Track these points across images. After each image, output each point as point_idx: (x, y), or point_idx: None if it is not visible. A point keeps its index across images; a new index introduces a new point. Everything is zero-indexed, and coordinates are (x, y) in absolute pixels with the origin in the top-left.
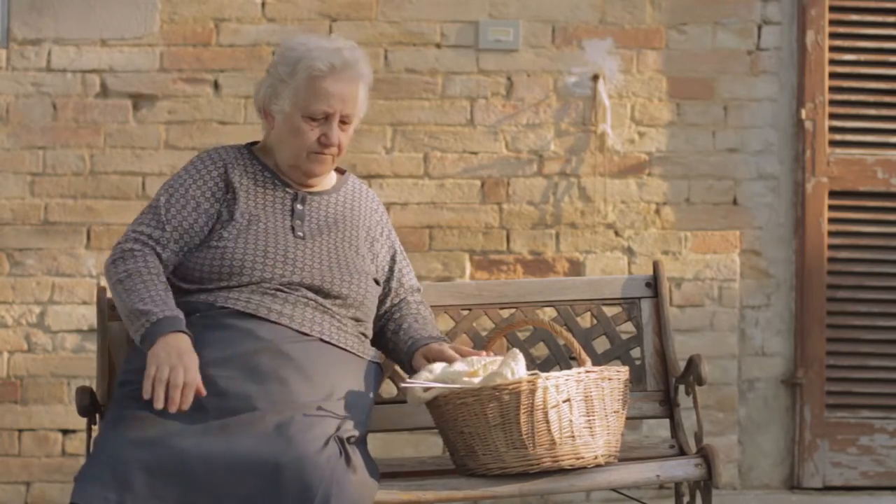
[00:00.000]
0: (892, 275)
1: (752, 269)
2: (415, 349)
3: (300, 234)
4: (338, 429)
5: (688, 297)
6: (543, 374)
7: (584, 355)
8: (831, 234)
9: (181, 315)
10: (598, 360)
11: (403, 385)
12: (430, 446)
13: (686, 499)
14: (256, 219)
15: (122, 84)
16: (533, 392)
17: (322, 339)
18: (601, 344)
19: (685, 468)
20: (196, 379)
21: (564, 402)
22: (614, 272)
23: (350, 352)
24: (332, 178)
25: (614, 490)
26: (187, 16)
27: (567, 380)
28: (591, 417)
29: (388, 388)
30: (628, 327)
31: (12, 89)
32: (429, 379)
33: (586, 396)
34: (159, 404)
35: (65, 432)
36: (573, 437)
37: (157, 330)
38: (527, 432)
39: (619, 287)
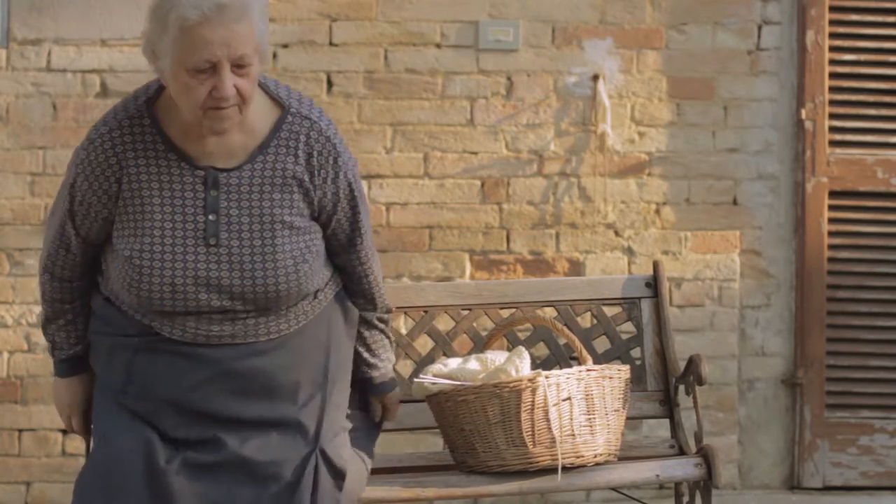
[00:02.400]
0: (892, 275)
1: (752, 269)
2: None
3: (213, 240)
4: (317, 437)
5: (688, 297)
6: (545, 373)
7: (584, 354)
8: (831, 234)
9: (73, 353)
10: (599, 359)
11: (416, 379)
12: (430, 446)
13: (686, 499)
14: (161, 229)
15: (122, 84)
16: (534, 390)
17: (269, 339)
18: (601, 344)
19: (685, 468)
20: (65, 426)
21: (565, 400)
22: (614, 272)
23: (305, 329)
24: (262, 128)
25: (614, 490)
26: None
27: (568, 378)
28: (591, 416)
29: None
30: (628, 327)
31: (12, 89)
32: (442, 372)
33: (587, 395)
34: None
35: (65, 432)
36: (573, 435)
37: (56, 371)
38: (527, 430)
39: (619, 287)
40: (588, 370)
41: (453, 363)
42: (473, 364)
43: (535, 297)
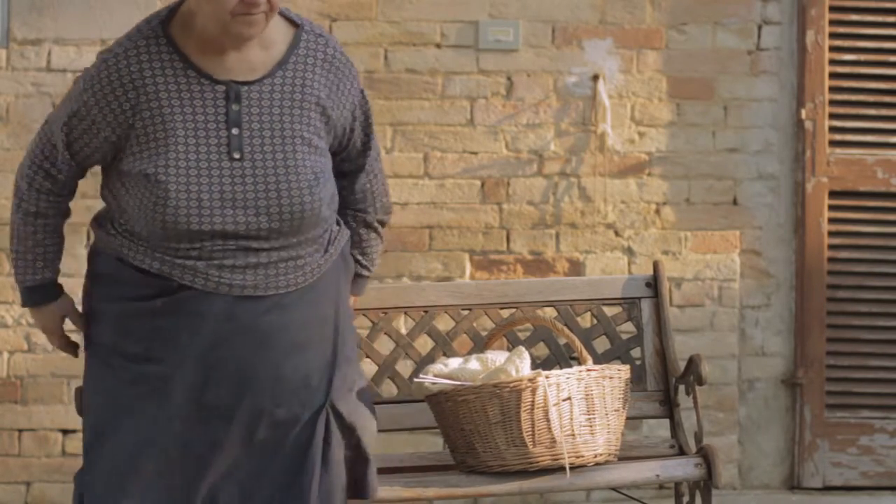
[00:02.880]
0: (892, 275)
1: (752, 269)
2: None
3: (237, 154)
4: (328, 392)
5: (688, 297)
6: (545, 373)
7: (585, 353)
8: (831, 234)
9: (47, 279)
10: (599, 359)
11: (416, 379)
12: (430, 446)
13: (686, 499)
14: (185, 145)
15: None
16: (534, 390)
17: (287, 293)
18: (601, 344)
19: (685, 468)
20: (60, 349)
21: (565, 400)
22: (614, 272)
23: (318, 284)
24: (280, 44)
25: (614, 490)
26: None
27: (568, 378)
28: (591, 416)
29: (389, 389)
30: (628, 327)
31: (12, 89)
32: (443, 372)
33: (587, 395)
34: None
35: (65, 432)
36: (573, 435)
37: (27, 300)
38: (527, 430)
39: (619, 287)
40: (588, 370)
41: (454, 363)
42: (474, 364)
43: (535, 297)
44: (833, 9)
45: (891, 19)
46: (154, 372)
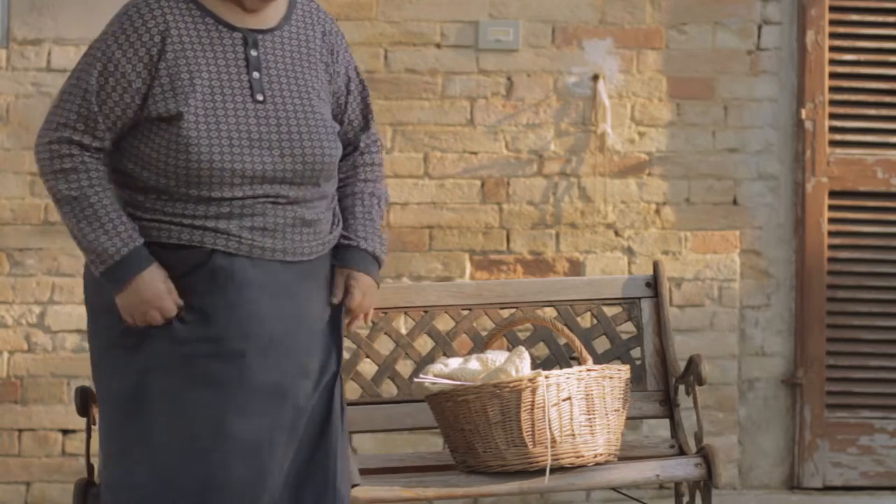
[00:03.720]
0: (892, 275)
1: (752, 269)
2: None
3: (259, 96)
4: (338, 364)
5: (688, 297)
6: (545, 373)
7: (585, 354)
8: (831, 234)
9: (137, 243)
10: (599, 359)
11: (416, 379)
12: (430, 446)
13: (686, 499)
14: (210, 87)
15: None
16: (534, 390)
17: (308, 260)
18: (601, 344)
19: (685, 468)
20: (171, 311)
21: (565, 400)
22: (614, 272)
23: (325, 258)
24: (282, 5)
25: (614, 490)
26: None
27: (568, 378)
28: (591, 416)
29: (389, 389)
30: (628, 327)
31: (12, 89)
32: (443, 372)
33: (587, 395)
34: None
35: (65, 432)
36: (573, 435)
37: (117, 276)
38: (527, 430)
39: (619, 287)
40: (588, 370)
41: (454, 363)
42: (474, 364)
43: (535, 297)
44: (833, 9)
45: (891, 19)
46: (203, 352)
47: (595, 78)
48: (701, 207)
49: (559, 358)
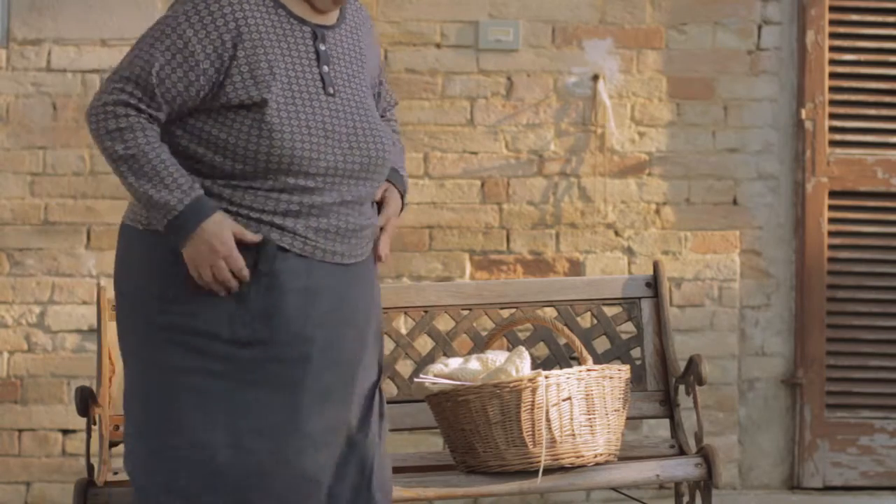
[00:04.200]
0: (892, 275)
1: (752, 269)
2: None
3: (331, 89)
4: (379, 372)
5: (688, 297)
6: (545, 373)
7: (585, 353)
8: (831, 234)
9: (199, 192)
10: (599, 360)
11: (416, 379)
12: (431, 446)
13: (686, 499)
14: (286, 77)
15: None
16: (534, 390)
17: (360, 263)
18: (601, 344)
19: (685, 468)
20: (242, 268)
21: (565, 400)
22: (614, 272)
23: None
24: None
25: (614, 490)
26: None
27: (568, 378)
28: (591, 416)
29: (389, 389)
30: (628, 327)
31: (12, 89)
32: (443, 372)
33: (587, 395)
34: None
35: (65, 432)
36: (573, 435)
37: (182, 226)
38: (527, 430)
39: (619, 287)
40: (588, 370)
41: (454, 363)
42: (474, 364)
43: (535, 297)
44: (833, 9)
45: (891, 19)
46: (263, 356)
47: (595, 78)
48: (701, 207)
49: (559, 358)
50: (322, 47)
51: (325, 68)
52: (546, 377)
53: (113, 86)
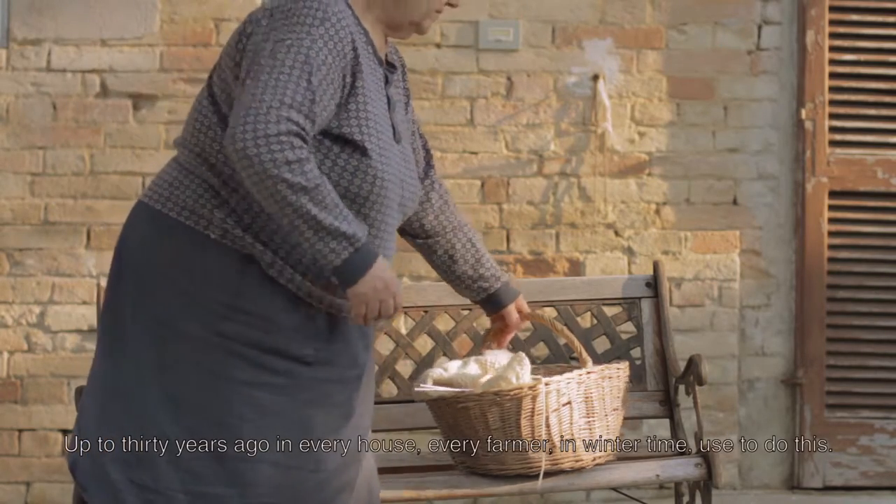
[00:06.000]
0: (892, 275)
1: (752, 269)
2: (495, 301)
3: (397, 136)
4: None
5: (688, 297)
6: (545, 379)
7: (585, 355)
8: (831, 234)
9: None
10: (598, 360)
11: (417, 390)
12: (430, 446)
13: (686, 499)
14: (376, 122)
15: (122, 84)
16: (534, 397)
17: None
18: (601, 344)
19: (685, 468)
20: (401, 304)
21: (565, 405)
22: (614, 272)
23: None
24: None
25: (614, 490)
26: (187, 16)
27: (569, 383)
28: (591, 419)
29: (389, 389)
30: (628, 327)
31: (12, 89)
32: (442, 378)
33: (587, 397)
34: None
35: (65, 432)
36: (573, 439)
37: (362, 261)
38: (527, 436)
39: (619, 287)
40: (588, 373)
41: (453, 367)
42: (473, 368)
43: (535, 297)
44: (833, 9)
45: (891, 19)
46: (323, 376)
47: (595, 78)
48: (701, 207)
49: (559, 358)
50: (389, 92)
51: (393, 114)
52: (546, 384)
53: (278, 114)
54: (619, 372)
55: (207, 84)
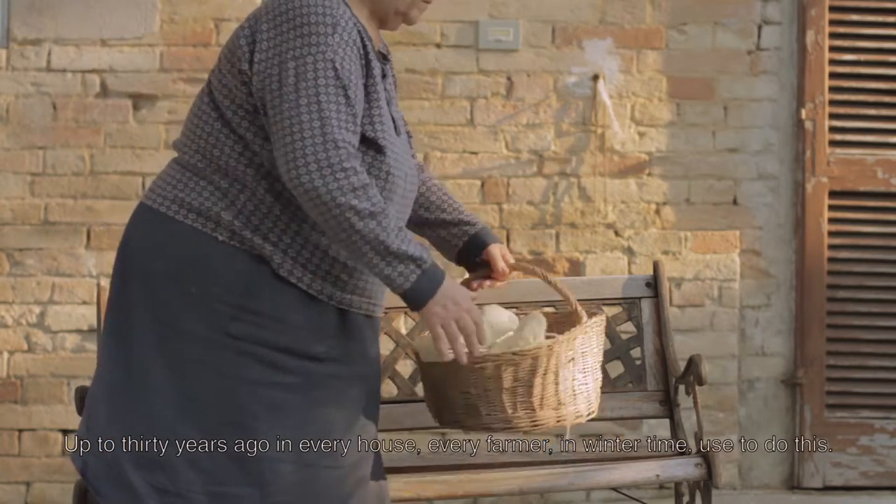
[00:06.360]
0: (892, 275)
1: (752, 269)
2: (478, 242)
3: (399, 130)
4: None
5: (688, 297)
6: (560, 338)
7: (580, 310)
8: (831, 234)
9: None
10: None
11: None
12: (430, 446)
13: (686, 499)
14: (381, 118)
15: (122, 84)
16: (549, 356)
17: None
18: None
19: (685, 468)
20: (479, 318)
21: (569, 361)
22: (614, 272)
23: None
24: None
25: (614, 490)
26: (187, 16)
27: (575, 339)
28: (586, 373)
29: (389, 389)
30: (628, 327)
31: (12, 89)
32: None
33: (584, 353)
34: (464, 359)
35: (65, 432)
36: (574, 395)
37: (429, 282)
38: (537, 395)
39: (619, 287)
40: (587, 328)
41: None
42: (484, 330)
43: (536, 297)
44: (833, 9)
45: (891, 19)
46: (334, 372)
47: (595, 78)
48: (701, 207)
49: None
50: (386, 86)
51: (392, 107)
52: (563, 343)
53: (335, 141)
54: (602, 321)
55: (207, 86)
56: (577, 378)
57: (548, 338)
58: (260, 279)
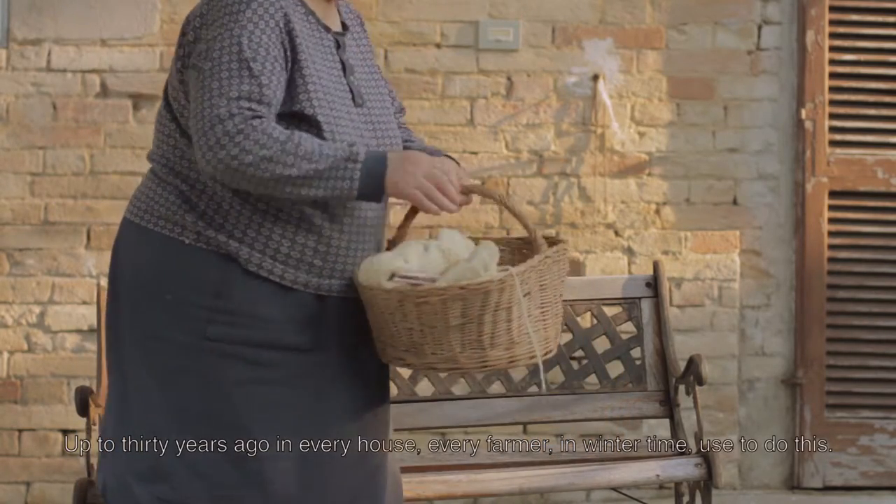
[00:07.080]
0: (892, 275)
1: (752, 269)
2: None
3: (359, 100)
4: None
5: (688, 297)
6: (513, 270)
7: (540, 239)
8: (831, 234)
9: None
10: (599, 359)
11: (383, 284)
12: (430, 446)
13: (686, 499)
14: (324, 90)
15: (122, 84)
16: (501, 291)
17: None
18: (601, 344)
19: (685, 468)
20: (446, 163)
21: (525, 296)
22: (614, 272)
23: None
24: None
25: (614, 490)
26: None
27: (530, 271)
28: (544, 309)
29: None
30: (628, 327)
31: (12, 89)
32: (404, 271)
33: (542, 286)
34: (453, 208)
35: (65, 432)
36: (529, 333)
37: (375, 163)
38: (487, 333)
39: (619, 287)
40: (545, 258)
41: (413, 257)
42: (435, 255)
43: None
44: (833, 9)
45: (891, 19)
46: (316, 361)
47: (595, 78)
48: (701, 207)
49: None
50: (343, 56)
51: (351, 78)
52: (516, 276)
53: (228, 110)
54: (565, 253)
55: (164, 93)
56: (532, 314)
57: (502, 270)
58: (230, 277)
